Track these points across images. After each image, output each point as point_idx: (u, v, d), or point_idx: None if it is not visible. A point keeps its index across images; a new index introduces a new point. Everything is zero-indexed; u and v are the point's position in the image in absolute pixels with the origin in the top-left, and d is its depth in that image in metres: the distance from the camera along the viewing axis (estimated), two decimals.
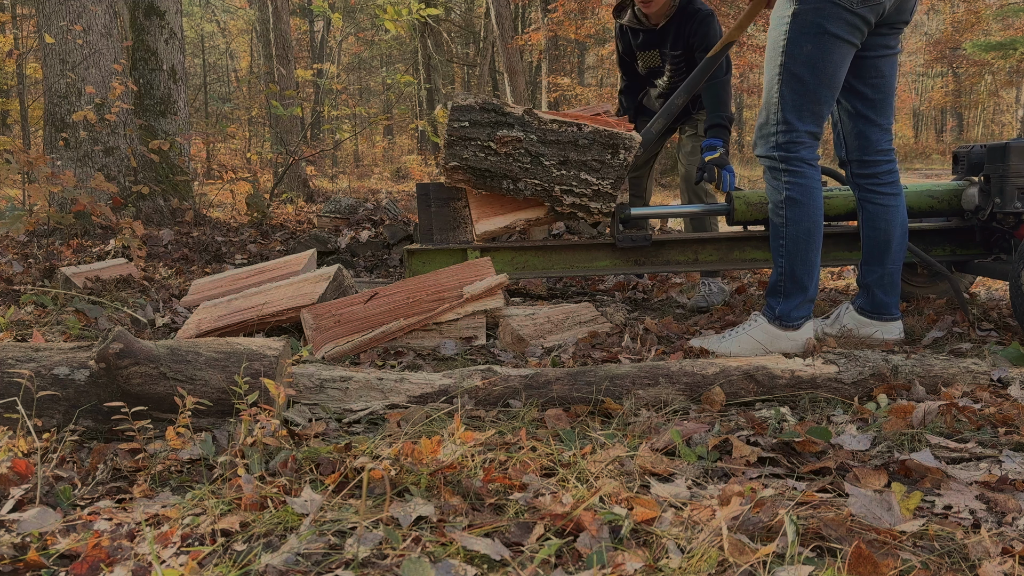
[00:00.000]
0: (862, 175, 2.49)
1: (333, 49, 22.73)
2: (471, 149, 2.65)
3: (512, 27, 15.26)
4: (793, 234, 2.35)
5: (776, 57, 2.30)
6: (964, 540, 1.11)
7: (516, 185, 2.67)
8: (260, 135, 17.60)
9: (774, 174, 2.38)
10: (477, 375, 1.82)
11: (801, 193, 2.33)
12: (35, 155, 3.95)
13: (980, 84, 25.55)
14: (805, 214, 2.34)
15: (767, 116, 2.37)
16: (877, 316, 2.48)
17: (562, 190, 2.63)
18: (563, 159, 2.64)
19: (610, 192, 2.64)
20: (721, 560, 1.04)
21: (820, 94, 2.28)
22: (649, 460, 1.40)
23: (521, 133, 2.63)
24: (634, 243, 2.91)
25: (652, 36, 3.34)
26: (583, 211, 2.69)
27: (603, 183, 2.62)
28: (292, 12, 15.41)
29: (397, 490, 1.27)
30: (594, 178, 2.62)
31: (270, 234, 5.32)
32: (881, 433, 1.56)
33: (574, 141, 2.65)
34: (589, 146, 2.64)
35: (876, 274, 2.48)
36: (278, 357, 1.66)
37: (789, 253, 2.36)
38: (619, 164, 2.62)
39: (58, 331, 2.56)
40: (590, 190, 2.63)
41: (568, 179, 2.63)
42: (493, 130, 2.64)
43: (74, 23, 5.01)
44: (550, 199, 2.67)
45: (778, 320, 2.39)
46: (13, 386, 1.54)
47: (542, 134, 2.65)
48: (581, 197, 2.65)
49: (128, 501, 1.30)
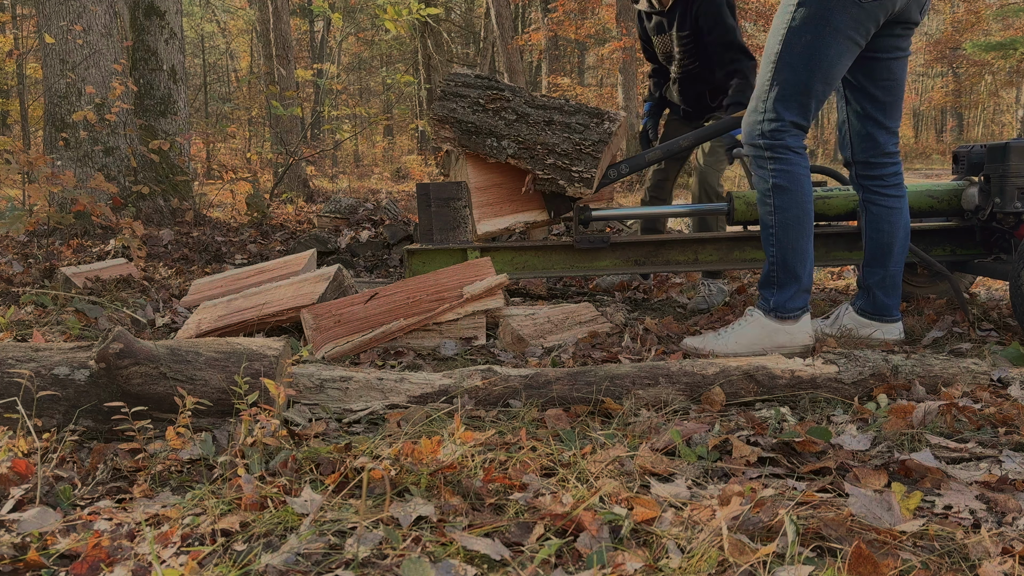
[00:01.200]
0: (867, 177, 2.47)
1: (333, 49, 22.73)
2: (462, 104, 2.74)
3: (512, 27, 15.26)
4: (782, 221, 2.31)
5: (775, 44, 2.27)
6: (964, 540, 1.11)
7: (500, 143, 2.70)
8: (260, 135, 17.60)
9: (760, 162, 2.34)
10: (477, 375, 1.82)
11: (788, 180, 2.30)
12: (35, 155, 3.95)
13: (980, 84, 25.56)
14: (793, 201, 2.30)
15: (755, 104, 2.34)
16: (878, 317, 2.47)
17: (544, 149, 2.64)
18: (548, 120, 2.69)
19: (591, 154, 2.63)
20: (721, 560, 1.04)
21: (812, 87, 2.26)
22: (649, 460, 1.40)
23: (510, 95, 2.75)
24: (592, 244, 2.91)
25: (663, 19, 3.33)
26: (563, 176, 2.67)
27: (585, 143, 2.63)
28: (292, 12, 15.41)
29: (397, 490, 1.27)
30: (577, 137, 2.64)
31: (270, 234, 5.32)
32: (881, 433, 1.56)
33: (560, 107, 2.75)
34: (575, 112, 2.72)
35: (878, 276, 2.46)
36: (278, 357, 1.66)
37: (779, 241, 2.32)
38: (603, 131, 2.65)
39: (58, 331, 2.56)
40: (573, 148, 2.64)
41: (551, 138, 2.65)
42: (484, 91, 2.75)
43: (74, 23, 5.01)
44: (532, 159, 2.67)
45: (774, 312, 2.34)
46: (13, 386, 1.54)
47: (531, 99, 2.77)
48: (562, 158, 2.65)
49: (128, 501, 1.30)
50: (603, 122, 2.67)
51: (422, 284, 2.56)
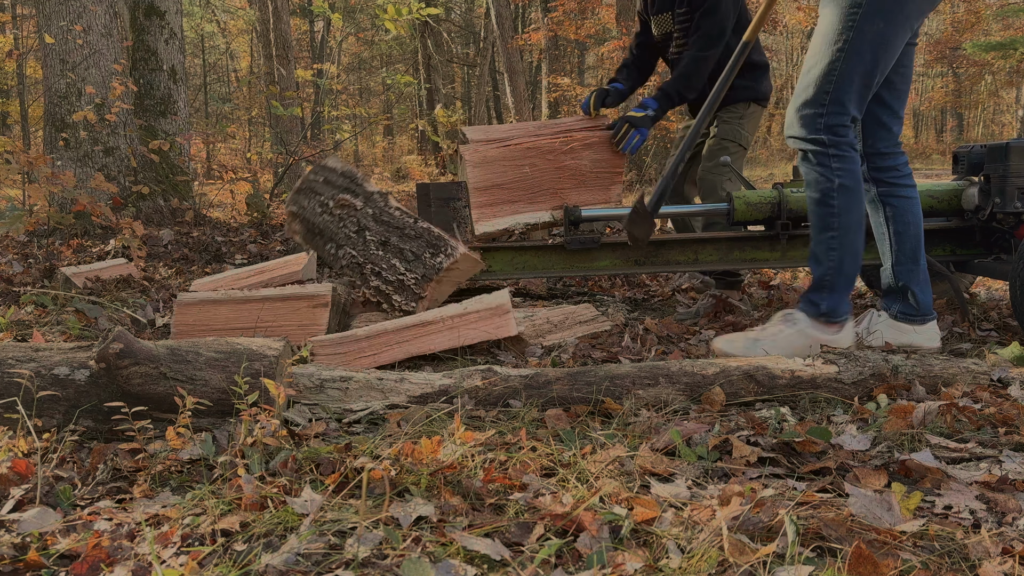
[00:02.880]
0: (884, 169, 2.32)
1: (333, 49, 22.74)
2: (312, 203, 2.66)
3: (512, 27, 15.26)
4: (846, 224, 2.18)
5: (841, 31, 2.09)
6: (964, 540, 1.11)
7: (337, 252, 2.62)
8: (260, 135, 17.61)
9: (820, 159, 2.18)
10: (477, 375, 1.82)
11: (853, 179, 2.18)
12: (35, 155, 3.96)
13: (980, 84, 25.56)
14: (856, 202, 2.19)
15: (814, 94, 2.15)
16: (920, 319, 2.30)
17: (372, 270, 2.57)
18: (385, 240, 2.60)
19: (413, 288, 2.54)
20: (721, 560, 1.04)
21: (875, 78, 2.13)
22: (649, 460, 1.40)
23: (360, 203, 2.64)
24: (583, 245, 2.89)
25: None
26: (385, 300, 2.60)
27: (408, 275, 2.54)
28: (292, 12, 15.42)
29: (397, 490, 1.27)
30: (403, 267, 2.55)
31: (270, 234, 5.32)
32: (881, 433, 1.56)
33: (402, 228, 2.62)
34: (415, 237, 2.61)
35: (912, 272, 2.31)
36: (278, 357, 1.66)
37: (842, 245, 2.19)
38: (433, 265, 2.54)
39: (58, 331, 2.56)
40: (396, 278, 2.55)
41: (380, 261, 2.57)
42: (338, 193, 2.66)
43: (74, 23, 5.01)
44: (360, 276, 2.61)
45: (824, 317, 2.21)
46: (13, 386, 1.54)
47: (378, 211, 2.65)
48: (386, 284, 2.57)
49: (128, 501, 1.30)
50: (437, 255, 2.55)
51: None
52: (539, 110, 17.37)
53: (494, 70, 21.24)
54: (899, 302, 2.34)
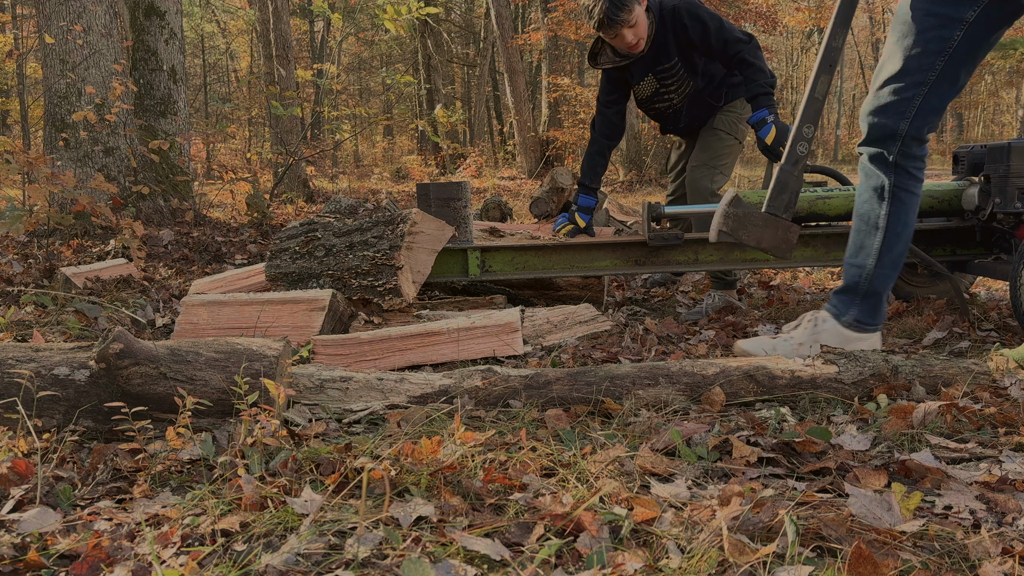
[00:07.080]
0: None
1: (333, 49, 22.74)
2: (285, 258, 2.82)
3: (512, 27, 15.26)
4: (895, 233, 2.17)
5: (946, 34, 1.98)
6: (964, 540, 1.11)
7: (319, 282, 2.78)
8: (260, 135, 17.61)
9: (884, 168, 2.15)
10: (477, 375, 1.82)
11: (917, 189, 2.16)
12: (35, 155, 3.95)
13: (980, 84, 25.56)
14: (913, 213, 2.17)
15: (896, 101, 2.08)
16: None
17: (350, 275, 2.70)
18: (350, 244, 2.76)
19: (387, 263, 2.66)
20: (721, 560, 1.04)
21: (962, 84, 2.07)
22: (649, 460, 1.40)
23: (320, 232, 2.83)
24: (665, 241, 2.94)
25: (642, 63, 3.13)
26: (373, 294, 2.69)
27: (378, 255, 2.67)
28: (292, 12, 15.41)
29: (397, 490, 1.27)
30: (372, 252, 2.69)
31: (270, 234, 5.32)
32: (881, 433, 1.56)
33: (360, 227, 2.81)
34: (372, 226, 2.78)
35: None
36: (278, 357, 1.66)
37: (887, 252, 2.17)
38: (396, 235, 2.69)
39: (58, 331, 2.56)
40: (369, 266, 2.68)
41: (353, 262, 2.71)
42: (300, 238, 2.85)
43: (74, 23, 5.01)
44: (344, 288, 2.73)
45: (856, 323, 2.19)
46: (13, 386, 1.54)
47: (337, 228, 2.84)
48: (365, 277, 2.70)
49: (128, 501, 1.30)
50: (396, 227, 2.72)
51: None
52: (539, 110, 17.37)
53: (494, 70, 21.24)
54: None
